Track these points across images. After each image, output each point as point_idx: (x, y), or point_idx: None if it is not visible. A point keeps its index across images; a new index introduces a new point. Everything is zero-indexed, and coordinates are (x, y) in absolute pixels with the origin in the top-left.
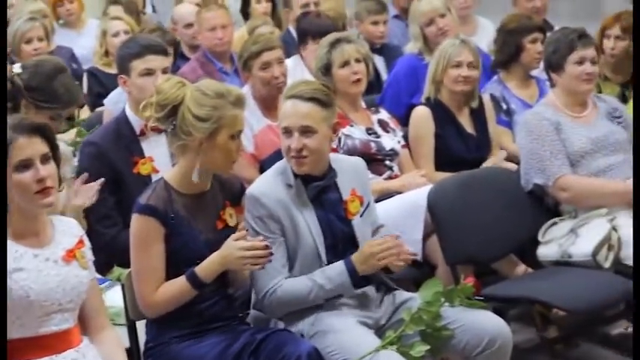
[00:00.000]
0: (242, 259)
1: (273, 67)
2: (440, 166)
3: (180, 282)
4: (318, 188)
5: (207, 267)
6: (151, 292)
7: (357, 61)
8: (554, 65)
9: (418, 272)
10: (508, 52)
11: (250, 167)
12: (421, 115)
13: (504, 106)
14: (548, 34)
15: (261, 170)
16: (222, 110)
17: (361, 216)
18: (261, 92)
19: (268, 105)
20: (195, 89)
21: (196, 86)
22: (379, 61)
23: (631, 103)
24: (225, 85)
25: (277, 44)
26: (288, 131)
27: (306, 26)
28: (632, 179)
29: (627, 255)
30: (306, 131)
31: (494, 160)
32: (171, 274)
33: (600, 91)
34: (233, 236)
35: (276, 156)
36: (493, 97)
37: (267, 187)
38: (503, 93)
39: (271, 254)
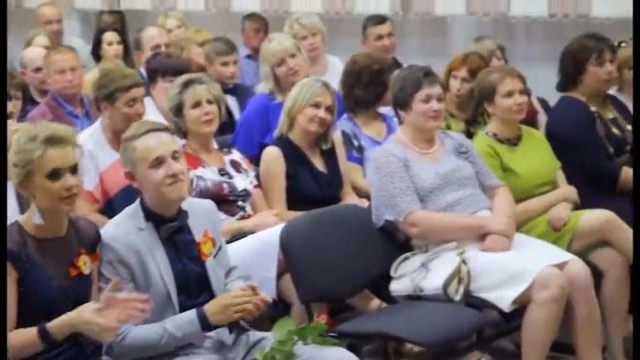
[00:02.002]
0: (90, 330)
1: (138, 104)
2: (292, 204)
3: (30, 333)
4: (172, 229)
5: (59, 325)
6: None
7: (209, 102)
8: (401, 103)
9: (273, 311)
10: (375, 91)
11: (85, 206)
12: (271, 155)
13: (356, 143)
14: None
15: (110, 206)
16: (30, 153)
17: (214, 257)
18: (118, 126)
19: (119, 139)
20: (19, 135)
21: (22, 131)
22: (232, 102)
23: (478, 137)
24: (48, 124)
25: (142, 82)
26: (160, 161)
27: (156, 65)
28: (481, 212)
29: (476, 287)
30: (175, 156)
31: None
32: (22, 319)
33: (449, 127)
34: (86, 306)
35: (127, 192)
36: (344, 134)
37: (117, 231)
38: (354, 130)
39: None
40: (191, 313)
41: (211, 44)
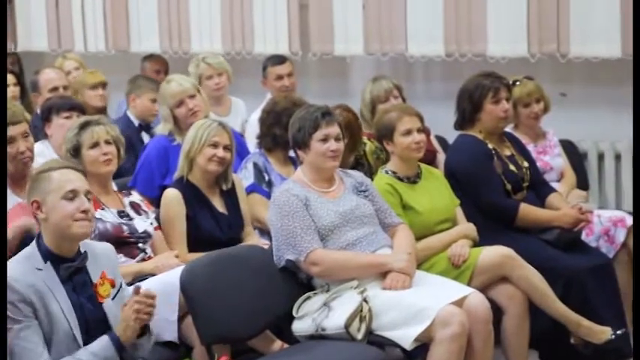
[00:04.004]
0: None
1: (18, 142)
2: (193, 246)
3: None
4: (72, 269)
5: None
6: None
7: (107, 142)
8: (300, 143)
9: (175, 354)
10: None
11: None
12: (171, 197)
13: (266, 177)
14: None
15: None
16: None
17: (113, 299)
18: (8, 168)
19: (17, 181)
20: None
21: None
22: None
23: (378, 175)
24: None
25: (23, 118)
26: (74, 194)
27: (49, 104)
28: (381, 250)
29: (378, 325)
30: (88, 196)
31: None
32: None
33: None
34: None
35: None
36: (256, 166)
37: (16, 271)
38: (265, 165)
39: None
40: (103, 339)
41: (143, 81)
